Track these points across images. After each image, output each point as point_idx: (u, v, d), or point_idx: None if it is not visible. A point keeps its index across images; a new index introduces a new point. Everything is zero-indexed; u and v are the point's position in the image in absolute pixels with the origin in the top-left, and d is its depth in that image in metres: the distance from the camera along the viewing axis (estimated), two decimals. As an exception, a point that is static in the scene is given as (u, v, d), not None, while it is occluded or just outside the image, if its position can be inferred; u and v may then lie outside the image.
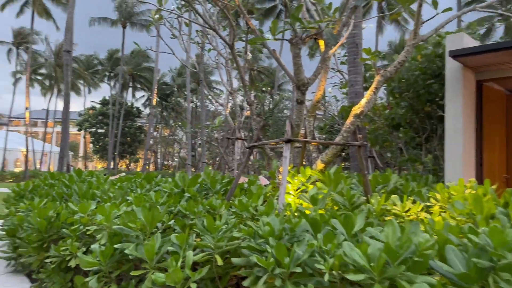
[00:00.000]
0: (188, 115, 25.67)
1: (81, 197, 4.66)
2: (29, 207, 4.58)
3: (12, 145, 42.65)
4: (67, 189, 5.50)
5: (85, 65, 49.63)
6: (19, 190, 5.68)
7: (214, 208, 3.76)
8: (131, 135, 54.72)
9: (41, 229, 3.99)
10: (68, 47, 16.81)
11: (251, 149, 4.69)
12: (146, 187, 4.90)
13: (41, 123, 75.35)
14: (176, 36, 8.78)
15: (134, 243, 3.13)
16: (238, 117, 8.54)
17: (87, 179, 6.13)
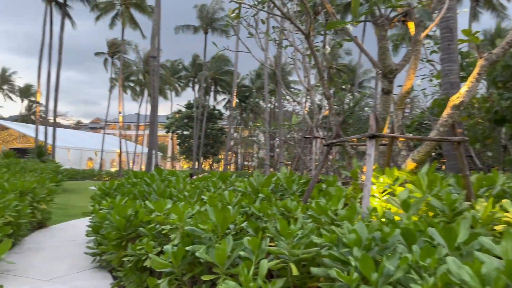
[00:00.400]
0: (266, 115, 25.77)
1: (159, 195, 4.69)
2: (111, 205, 4.71)
3: (108, 147, 46.80)
4: (148, 187, 5.62)
5: (171, 71, 52.69)
6: (104, 188, 5.97)
7: (290, 210, 3.47)
8: (213, 137, 56.87)
9: (120, 227, 4.04)
10: (154, 53, 17.82)
11: (329, 147, 4.31)
12: (221, 187, 4.79)
13: (133, 126, 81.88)
14: (252, 35, 8.66)
15: (205, 245, 2.96)
16: (316, 115, 8.14)
17: (167, 178, 6.24)
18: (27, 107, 70.26)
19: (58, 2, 28.14)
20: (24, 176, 8.16)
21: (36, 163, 15.35)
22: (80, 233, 7.62)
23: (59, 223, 8.79)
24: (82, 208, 11.90)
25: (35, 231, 7.61)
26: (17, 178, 7.67)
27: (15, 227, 5.93)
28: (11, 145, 42.36)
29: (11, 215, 5.64)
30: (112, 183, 6.07)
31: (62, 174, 16.15)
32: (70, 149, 42.76)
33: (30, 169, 13.73)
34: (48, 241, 6.69)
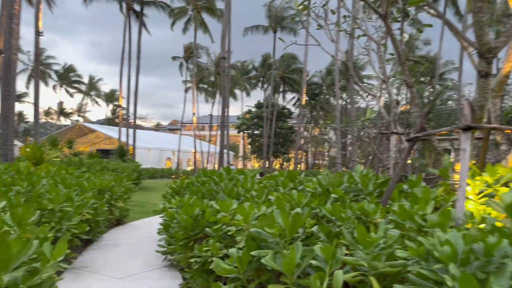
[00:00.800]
0: (337, 112, 24.93)
1: (227, 195, 4.53)
2: (179, 203, 4.65)
3: (185, 147, 48.90)
4: (216, 186, 5.51)
5: (241, 72, 53.61)
6: (175, 187, 6.00)
7: (367, 214, 3.06)
8: (283, 136, 56.81)
9: (187, 226, 3.94)
10: (224, 54, 18.08)
11: (412, 142, 3.80)
12: (289, 186, 4.49)
13: (207, 127, 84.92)
14: (322, 26, 8.22)
15: (272, 251, 2.69)
16: (393, 108, 7.47)
17: (235, 176, 6.09)
18: (111, 111, 76.24)
19: (136, 11, 29.97)
20: (104, 175, 8.61)
21: (117, 163, 16.37)
22: (155, 230, 7.82)
23: (136, 220, 9.15)
24: (157, 206, 12.39)
25: (113, 227, 7.97)
26: (97, 177, 8.09)
27: (93, 224, 6.20)
28: (98, 147, 46.14)
29: (88, 213, 5.88)
30: (183, 182, 6.08)
31: (141, 173, 17.05)
32: (150, 150, 45.41)
33: (112, 169, 14.64)
34: (124, 238, 6.93)
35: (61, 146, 13.76)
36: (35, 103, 16.81)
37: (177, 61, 47.45)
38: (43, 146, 7.77)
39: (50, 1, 31.23)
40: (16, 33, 7.95)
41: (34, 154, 7.35)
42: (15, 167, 5.99)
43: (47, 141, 13.43)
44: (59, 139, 23.00)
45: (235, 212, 3.55)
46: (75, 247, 5.37)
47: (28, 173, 6.11)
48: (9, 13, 7.70)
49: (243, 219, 3.13)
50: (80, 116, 76.24)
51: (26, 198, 4.65)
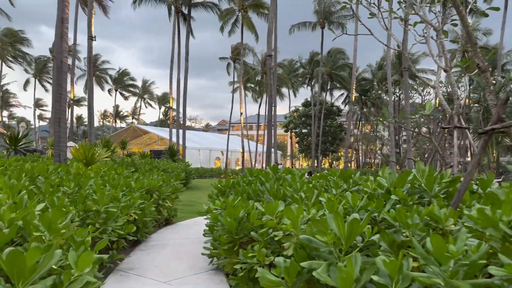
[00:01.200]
0: (390, 108, 23.79)
1: (273, 196, 4.22)
2: (224, 205, 4.41)
3: (233, 147, 49.35)
4: (262, 186, 5.22)
5: (289, 70, 53.11)
6: (220, 187, 5.79)
7: (438, 220, 2.61)
8: (332, 134, 55.56)
9: (231, 230, 3.67)
10: (270, 52, 17.81)
11: (488, 135, 3.26)
12: (342, 187, 4.09)
13: (254, 126, 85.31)
14: (374, 15, 7.65)
15: (325, 262, 2.34)
16: (456, 100, 6.75)
17: (282, 176, 5.77)
18: (163, 112, 78.87)
19: (183, 14, 30.54)
20: (152, 175, 8.64)
21: (168, 163, 16.65)
22: (203, 230, 7.72)
23: (184, 219, 9.11)
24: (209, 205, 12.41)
25: (162, 227, 7.95)
26: (145, 177, 8.11)
27: (140, 225, 6.15)
28: (151, 147, 47.77)
29: (136, 213, 5.83)
30: (228, 181, 5.86)
31: (190, 172, 17.23)
32: (200, 150, 46.30)
33: (163, 168, 14.87)
34: (171, 239, 6.84)
35: (114, 147, 14.18)
36: (89, 105, 17.56)
37: (224, 62, 47.99)
38: (94, 147, 7.91)
39: (105, 10, 32.78)
40: (67, 36, 8.19)
41: (84, 155, 7.51)
42: (64, 168, 6.07)
43: (101, 142, 13.90)
44: (114, 141, 24.00)
45: (281, 215, 3.24)
46: (122, 248, 5.32)
47: (77, 174, 6.18)
48: (60, 17, 7.94)
49: (291, 224, 2.79)
50: (134, 118, 79.68)
51: (72, 199, 4.63)
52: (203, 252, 4.93)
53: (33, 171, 5.26)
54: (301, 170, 16.42)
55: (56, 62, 8.29)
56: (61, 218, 2.29)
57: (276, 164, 22.08)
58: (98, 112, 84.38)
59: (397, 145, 60.71)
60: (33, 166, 5.73)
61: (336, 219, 2.36)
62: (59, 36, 7.96)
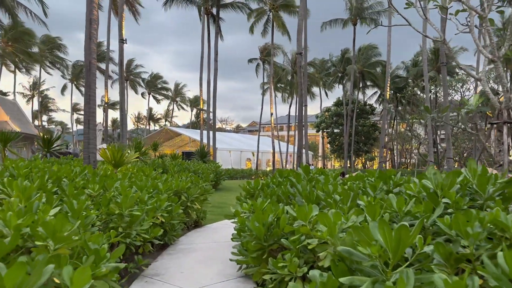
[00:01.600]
0: (427, 105, 22.76)
1: (305, 199, 3.87)
2: (252, 208, 4.11)
3: (263, 148, 49.11)
4: (293, 188, 4.89)
5: (320, 69, 52.30)
6: (249, 188, 5.50)
7: (504, 228, 2.18)
8: (365, 133, 54.21)
9: (260, 236, 3.36)
10: (300, 50, 17.39)
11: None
12: (382, 189, 3.69)
13: (285, 127, 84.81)
14: (411, 4, 7.14)
15: (369, 279, 1.98)
16: (506, 93, 6.14)
17: (315, 177, 5.40)
18: (195, 115, 79.75)
19: (213, 15, 30.60)
20: (181, 176, 8.48)
21: (198, 164, 16.58)
22: (231, 234, 7.47)
23: (214, 222, 8.89)
24: (237, 207, 12.15)
25: (190, 230, 7.76)
26: (174, 179, 7.95)
27: (168, 228, 5.96)
28: (183, 149, 48.33)
29: (163, 216, 5.64)
30: (257, 183, 5.56)
31: (220, 173, 17.08)
32: (231, 151, 46.39)
33: (193, 170, 14.80)
34: (200, 242, 6.62)
35: (145, 148, 14.23)
36: (121, 108, 17.79)
37: (253, 63, 47.81)
38: (122, 148, 7.84)
39: (135, 14, 33.41)
40: (95, 38, 8.18)
41: (113, 156, 7.45)
42: (91, 170, 5.97)
43: (132, 144, 13.98)
44: (147, 143, 24.31)
45: (315, 220, 2.89)
46: (148, 252, 5.13)
47: (104, 176, 6.07)
48: (89, 19, 7.93)
49: (328, 231, 2.45)
50: (167, 121, 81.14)
51: (96, 201, 4.47)
52: (232, 258, 4.65)
53: (58, 173, 5.16)
54: (334, 170, 15.88)
55: (85, 63, 8.31)
56: (68, 225, 2.06)
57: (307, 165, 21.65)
58: (132, 116, 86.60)
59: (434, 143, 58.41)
60: (59, 168, 5.66)
61: (382, 228, 2.00)
62: (88, 37, 7.96)
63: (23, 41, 41.39)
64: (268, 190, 4.82)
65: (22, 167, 4.88)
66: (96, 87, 8.24)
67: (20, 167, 4.74)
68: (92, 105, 8.16)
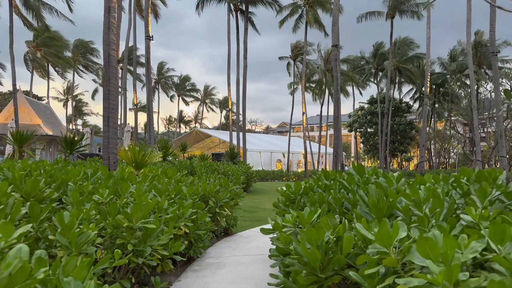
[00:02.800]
0: (473, 99, 20.98)
1: (373, 209, 2.84)
2: (297, 221, 3.13)
3: (294, 149, 47.95)
4: (347, 193, 3.87)
5: (352, 66, 50.55)
6: (289, 193, 4.51)
7: None
8: (400, 132, 51.89)
9: (314, 264, 2.38)
10: (335, 42, 16.26)
11: None
12: (492, 194, 2.60)
13: (316, 127, 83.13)
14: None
15: None
16: None
17: (371, 179, 4.35)
18: (225, 116, 79.53)
19: (242, 11, 29.78)
20: (208, 178, 7.60)
21: (228, 165, 15.74)
22: (268, 243, 6.50)
23: (245, 229, 7.98)
24: (269, 212, 11.18)
25: (220, 239, 6.87)
26: (201, 181, 7.08)
27: (193, 239, 5.08)
28: (213, 151, 47.93)
29: (186, 226, 4.75)
30: (298, 187, 4.56)
31: (251, 175, 16.18)
32: (261, 152, 45.53)
33: (222, 171, 13.96)
34: (230, 255, 5.70)
35: (173, 150, 13.52)
36: (148, 107, 17.23)
37: (284, 61, 46.75)
38: (145, 148, 7.04)
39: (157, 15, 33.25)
40: (114, 28, 7.45)
41: (134, 157, 6.67)
42: (106, 172, 5.17)
43: (158, 144, 13.31)
44: (177, 146, 23.77)
45: (407, 247, 1.87)
46: (168, 271, 4.25)
47: (121, 178, 5.25)
48: (107, 7, 7.23)
49: (445, 274, 1.43)
50: (197, 123, 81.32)
51: (105, 210, 3.62)
52: (270, 282, 3.68)
53: (64, 176, 4.36)
54: None
55: (104, 55, 7.60)
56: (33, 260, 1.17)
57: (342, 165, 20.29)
58: (163, 119, 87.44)
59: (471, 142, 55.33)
60: (67, 170, 4.89)
61: None
62: (106, 27, 7.25)
63: (52, 45, 42.13)
64: (314, 195, 3.82)
65: (19, 168, 4.12)
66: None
67: (17, 168, 3.99)
68: (112, 101, 7.44)
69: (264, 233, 3.55)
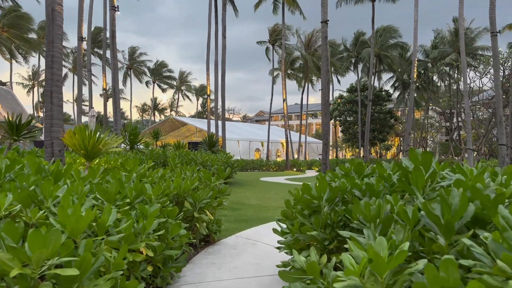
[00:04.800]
0: (465, 85, 19.96)
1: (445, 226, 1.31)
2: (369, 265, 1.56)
3: (273, 138, 46.60)
4: (412, 197, 2.34)
5: (332, 53, 49.28)
6: (309, 198, 2.94)
7: None
8: (380, 121, 51.18)
9: None
10: (324, 17, 14.73)
11: None
12: None
13: (294, 116, 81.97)
14: None
15: None
16: None
17: (441, 174, 2.82)
18: (202, 104, 77.15)
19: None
20: (185, 171, 5.96)
21: (206, 154, 14.08)
22: (262, 256, 4.95)
23: (230, 233, 6.40)
24: (257, 209, 9.57)
25: (200, 250, 5.25)
26: (176, 175, 5.43)
27: (159, 263, 3.45)
28: (189, 139, 45.92)
29: (149, 246, 3.13)
30: (323, 186, 3.00)
31: (233, 165, 14.60)
32: (239, 141, 43.90)
33: (200, 161, 12.29)
34: (213, 278, 4.10)
35: (143, 136, 11.73)
36: (113, 87, 15.23)
37: (262, 46, 44.95)
38: (99, 131, 5.31)
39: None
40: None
41: (83, 142, 4.95)
42: (34, 162, 3.47)
43: (125, 129, 11.51)
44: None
45: None
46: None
47: (57, 173, 3.54)
48: None
49: None
50: (173, 111, 78.55)
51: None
52: None
53: None
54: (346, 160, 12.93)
55: (46, 10, 5.78)
56: None
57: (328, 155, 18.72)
58: (136, 106, 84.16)
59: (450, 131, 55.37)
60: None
61: None
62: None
63: (19, 27, 39.00)
64: (368, 208, 2.27)
65: None
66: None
67: None
68: (57, 70, 5.65)
69: (286, 280, 1.96)
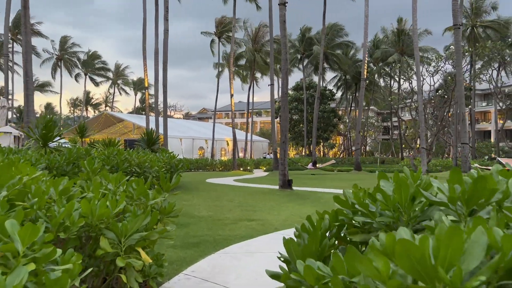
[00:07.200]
0: (418, 82, 19.48)
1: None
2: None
3: (218, 136, 44.55)
4: None
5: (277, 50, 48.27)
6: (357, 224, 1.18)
7: None
8: (324, 120, 51.21)
9: None
10: (283, 0, 13.11)
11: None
12: None
13: (239, 114, 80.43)
14: None
15: None
16: None
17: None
18: (140, 99, 72.71)
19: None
20: (108, 181, 3.80)
21: (145, 154, 11.74)
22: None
23: (176, 272, 4.34)
24: (210, 223, 7.32)
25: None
26: (89, 190, 3.30)
27: None
28: (126, 137, 42.40)
29: None
30: (405, 192, 1.22)
31: (176, 167, 12.43)
32: (182, 139, 41.29)
33: (136, 162, 10.01)
34: None
35: (60, 132, 9.21)
36: (25, 71, 12.38)
37: (207, 37, 42.54)
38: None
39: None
40: None
41: None
42: None
43: (37, 125, 8.98)
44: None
45: None
46: None
47: None
48: None
49: None
50: (108, 106, 73.26)
51: None
52: None
53: None
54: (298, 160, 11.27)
55: None
56: None
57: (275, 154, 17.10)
58: (67, 100, 77.51)
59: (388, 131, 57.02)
60: None
61: None
62: None
63: None
64: None
65: None
66: None
67: None
68: None
69: None
